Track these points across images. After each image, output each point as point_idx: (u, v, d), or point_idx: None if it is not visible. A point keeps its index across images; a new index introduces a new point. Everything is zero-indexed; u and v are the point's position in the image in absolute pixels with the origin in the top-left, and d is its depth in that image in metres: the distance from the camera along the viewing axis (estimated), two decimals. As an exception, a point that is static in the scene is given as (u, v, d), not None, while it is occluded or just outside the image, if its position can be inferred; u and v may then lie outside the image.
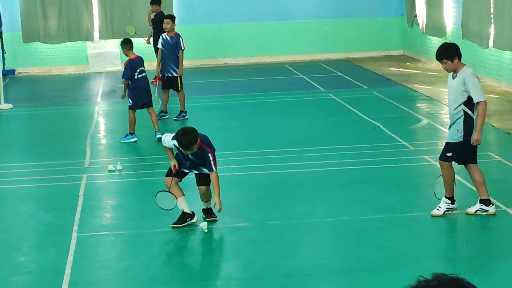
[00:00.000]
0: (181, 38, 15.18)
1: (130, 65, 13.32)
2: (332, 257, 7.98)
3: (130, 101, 13.41)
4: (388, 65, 22.04)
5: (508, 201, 9.42)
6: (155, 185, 9.29)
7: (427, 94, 17.20)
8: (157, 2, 19.64)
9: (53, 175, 11.39)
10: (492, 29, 17.58)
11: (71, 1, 22.79)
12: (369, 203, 9.56)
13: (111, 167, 11.50)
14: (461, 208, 9.09)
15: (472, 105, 8.76)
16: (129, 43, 13.51)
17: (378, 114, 14.96)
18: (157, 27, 18.46)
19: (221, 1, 23.54)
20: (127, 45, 13.48)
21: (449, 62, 8.78)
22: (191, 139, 8.53)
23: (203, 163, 8.83)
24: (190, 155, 8.74)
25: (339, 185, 10.45)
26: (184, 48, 15.18)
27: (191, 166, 8.92)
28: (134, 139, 13.42)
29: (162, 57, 15.23)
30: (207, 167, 8.79)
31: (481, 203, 8.98)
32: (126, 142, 13.40)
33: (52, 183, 10.99)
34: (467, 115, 8.76)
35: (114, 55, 22.97)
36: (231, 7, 23.61)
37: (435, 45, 21.20)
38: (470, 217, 8.98)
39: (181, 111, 15.35)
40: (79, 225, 9.11)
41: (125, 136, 13.49)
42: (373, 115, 14.79)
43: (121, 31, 21.77)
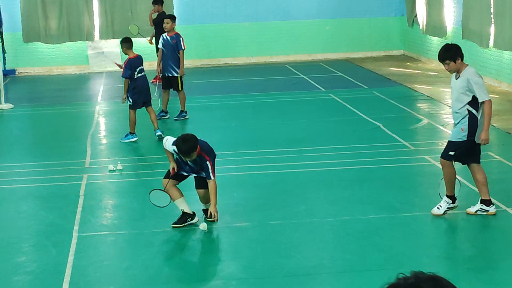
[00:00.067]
0: (181, 38, 15.18)
1: (130, 64, 13.33)
2: (332, 256, 7.99)
3: (130, 100, 13.42)
4: (388, 65, 22.03)
5: (508, 201, 9.42)
6: (155, 185, 9.29)
7: (428, 94, 17.19)
8: (159, 2, 19.57)
9: (53, 175, 11.39)
10: (492, 29, 17.58)
11: (72, 1, 22.79)
12: (369, 203, 9.56)
13: (112, 167, 11.50)
14: (461, 207, 9.09)
15: (476, 104, 8.76)
16: (129, 42, 13.52)
17: (378, 114, 14.96)
18: (158, 27, 18.42)
19: (222, 1, 23.53)
20: (127, 44, 13.49)
21: (452, 63, 8.77)
22: (191, 146, 8.50)
23: (201, 170, 8.82)
24: (189, 162, 8.73)
25: (339, 185, 10.45)
26: (184, 48, 15.18)
27: (190, 170, 8.93)
28: (134, 139, 13.43)
29: (162, 57, 15.23)
30: (205, 175, 8.79)
31: (482, 203, 8.97)
32: (126, 142, 13.41)
33: (52, 183, 11.00)
34: (472, 115, 8.76)
35: (114, 55, 22.97)
36: (231, 7, 23.60)
37: (436, 45, 21.21)
38: (470, 216, 8.98)
39: (182, 111, 15.35)
40: (79, 225, 9.12)
41: (126, 136, 13.49)
42: (374, 115, 14.79)
43: (122, 31, 21.77)
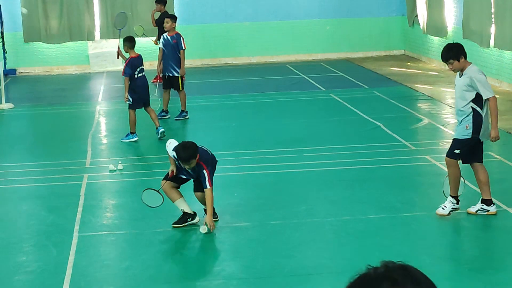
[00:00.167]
0: (181, 38, 15.17)
1: (131, 64, 13.33)
2: (333, 256, 7.99)
3: (130, 100, 13.41)
4: (389, 65, 22.02)
5: (508, 201, 9.41)
6: (155, 185, 9.28)
7: (428, 94, 17.19)
8: (162, 1, 19.40)
9: (54, 174, 11.39)
10: (493, 29, 17.57)
11: (72, 0, 22.77)
12: (370, 203, 9.56)
13: (112, 167, 11.50)
14: (462, 207, 9.09)
15: (480, 102, 8.78)
16: (132, 41, 13.52)
17: (379, 113, 14.95)
18: (161, 27, 18.36)
19: (222, 1, 23.52)
20: (130, 43, 13.49)
21: (455, 62, 8.78)
22: (190, 154, 8.46)
23: (199, 177, 8.80)
24: (187, 169, 8.70)
25: (340, 185, 10.45)
26: (185, 48, 15.18)
27: (188, 175, 8.91)
28: (135, 139, 13.42)
29: (163, 57, 15.22)
30: (202, 183, 8.74)
31: (483, 202, 8.97)
32: (127, 141, 13.40)
33: (53, 182, 11.00)
34: (476, 112, 8.78)
35: (115, 55, 22.92)
36: (232, 7, 23.60)
37: (436, 44, 21.21)
38: (471, 216, 8.98)
39: (182, 111, 15.34)
40: (80, 224, 9.12)
41: (126, 135, 13.49)
42: (374, 115, 14.79)
43: (122, 30, 21.73)
